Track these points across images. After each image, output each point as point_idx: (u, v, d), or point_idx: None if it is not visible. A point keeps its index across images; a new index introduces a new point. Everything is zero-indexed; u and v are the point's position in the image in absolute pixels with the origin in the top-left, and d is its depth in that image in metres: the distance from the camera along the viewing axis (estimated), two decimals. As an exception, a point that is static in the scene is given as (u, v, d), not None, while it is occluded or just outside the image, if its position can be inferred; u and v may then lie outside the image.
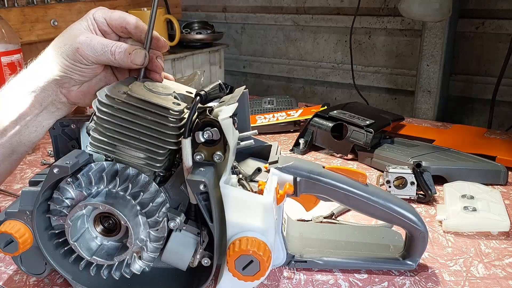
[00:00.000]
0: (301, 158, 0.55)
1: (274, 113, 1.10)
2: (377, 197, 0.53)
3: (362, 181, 0.53)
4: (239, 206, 0.47)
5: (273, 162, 0.53)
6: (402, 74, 1.29)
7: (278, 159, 0.53)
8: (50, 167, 0.47)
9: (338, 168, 0.53)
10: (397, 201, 0.54)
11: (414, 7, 0.98)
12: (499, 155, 0.85)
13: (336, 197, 0.53)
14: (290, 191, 0.51)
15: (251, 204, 0.47)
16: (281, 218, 0.55)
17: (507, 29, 1.10)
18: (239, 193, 0.48)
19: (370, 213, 0.54)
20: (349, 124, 0.90)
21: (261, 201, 0.47)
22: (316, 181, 0.52)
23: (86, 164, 0.50)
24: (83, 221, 0.50)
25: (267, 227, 0.48)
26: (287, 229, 0.60)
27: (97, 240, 0.50)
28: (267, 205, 0.47)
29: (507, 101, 1.15)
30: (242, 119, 0.56)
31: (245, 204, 0.47)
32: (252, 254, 0.46)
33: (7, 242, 0.49)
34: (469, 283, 0.54)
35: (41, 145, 1.02)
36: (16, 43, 0.92)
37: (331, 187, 0.52)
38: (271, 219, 0.48)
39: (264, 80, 1.55)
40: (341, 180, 0.52)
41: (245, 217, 0.48)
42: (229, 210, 0.47)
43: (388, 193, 0.55)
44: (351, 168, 0.53)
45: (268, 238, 0.48)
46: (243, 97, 0.56)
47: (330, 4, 1.36)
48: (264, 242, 0.46)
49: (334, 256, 0.57)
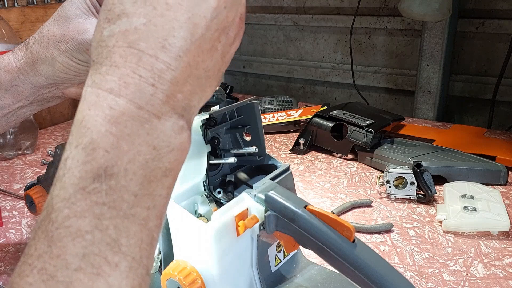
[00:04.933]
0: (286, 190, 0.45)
1: (274, 113, 1.10)
2: (364, 263, 0.40)
3: (348, 236, 0.40)
4: (180, 227, 0.44)
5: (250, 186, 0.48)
6: (402, 74, 1.29)
7: (262, 185, 0.46)
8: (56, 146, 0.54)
9: (322, 213, 0.42)
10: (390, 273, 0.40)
11: (414, 7, 0.98)
12: (499, 155, 0.85)
13: (312, 247, 0.42)
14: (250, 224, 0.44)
15: (192, 228, 0.43)
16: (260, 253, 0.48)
17: (507, 29, 1.10)
18: (181, 213, 0.43)
19: (351, 278, 0.41)
20: (349, 124, 0.90)
21: (200, 228, 0.42)
22: (289, 221, 0.43)
23: None
24: None
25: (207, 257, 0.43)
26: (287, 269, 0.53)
27: None
28: (209, 233, 0.42)
29: (507, 101, 1.15)
30: (254, 133, 0.53)
31: (186, 226, 0.44)
32: (178, 281, 0.42)
33: (31, 202, 0.60)
34: (469, 283, 0.54)
35: (41, 145, 1.02)
36: (16, 43, 0.92)
37: (306, 233, 0.42)
38: (214, 249, 0.42)
39: (264, 80, 1.55)
40: (320, 230, 0.41)
41: (184, 240, 0.44)
42: (172, 228, 0.45)
43: (381, 258, 0.41)
44: (336, 217, 0.41)
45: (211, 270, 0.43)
46: (253, 109, 0.53)
47: (330, 4, 1.36)
48: (198, 272, 0.42)
49: None
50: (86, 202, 0.25)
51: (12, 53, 0.49)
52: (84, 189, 0.25)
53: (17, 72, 0.48)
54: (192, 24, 0.28)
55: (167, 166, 0.28)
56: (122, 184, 0.26)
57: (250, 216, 0.44)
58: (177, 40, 0.27)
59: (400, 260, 0.59)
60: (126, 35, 0.27)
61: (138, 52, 0.27)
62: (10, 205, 0.76)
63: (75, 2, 0.46)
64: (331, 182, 0.82)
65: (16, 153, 0.96)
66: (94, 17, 0.46)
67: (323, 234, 0.41)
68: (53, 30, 0.46)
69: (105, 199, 0.25)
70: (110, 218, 0.25)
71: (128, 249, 0.26)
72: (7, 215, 0.73)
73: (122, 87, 0.26)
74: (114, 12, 0.27)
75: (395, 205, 0.74)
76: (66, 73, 0.47)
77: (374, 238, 0.65)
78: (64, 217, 0.25)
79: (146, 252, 0.27)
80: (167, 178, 0.28)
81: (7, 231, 0.68)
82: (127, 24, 0.27)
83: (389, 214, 0.71)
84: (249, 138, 0.53)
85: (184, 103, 0.29)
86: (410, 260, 0.59)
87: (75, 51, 0.45)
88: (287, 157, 0.93)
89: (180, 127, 0.28)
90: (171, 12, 0.27)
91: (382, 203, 0.74)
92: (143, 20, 0.27)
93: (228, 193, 0.53)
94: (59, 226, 0.25)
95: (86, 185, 0.25)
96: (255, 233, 0.46)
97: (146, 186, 0.27)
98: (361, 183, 0.81)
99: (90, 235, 0.25)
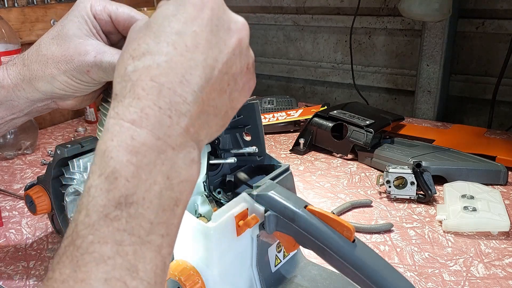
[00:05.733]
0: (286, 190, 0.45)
1: (274, 113, 1.10)
2: (364, 263, 0.40)
3: (348, 236, 0.41)
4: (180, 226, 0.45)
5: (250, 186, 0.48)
6: (402, 74, 1.29)
7: (262, 185, 0.46)
8: (56, 147, 0.55)
9: (322, 213, 0.42)
10: (390, 273, 0.40)
11: (414, 7, 0.98)
12: (499, 155, 0.85)
13: (312, 247, 0.43)
14: (250, 224, 0.44)
15: (192, 228, 0.43)
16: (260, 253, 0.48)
17: (507, 29, 1.10)
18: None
19: (351, 278, 0.41)
20: (349, 124, 0.90)
21: (201, 228, 0.42)
22: (289, 221, 0.43)
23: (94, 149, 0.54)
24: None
25: (207, 257, 0.43)
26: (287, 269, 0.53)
27: None
28: (209, 232, 0.42)
29: (507, 101, 1.15)
30: (254, 133, 0.53)
31: (186, 226, 0.43)
32: (178, 281, 0.42)
33: (31, 202, 0.59)
34: (469, 283, 0.54)
35: (41, 145, 1.02)
36: (16, 43, 0.92)
37: (306, 233, 0.42)
38: (214, 249, 0.42)
39: (264, 80, 1.55)
40: (320, 230, 0.41)
41: (184, 240, 0.43)
42: None
43: (381, 258, 0.41)
44: (336, 217, 0.41)
45: (211, 270, 0.43)
46: (253, 109, 0.53)
47: (330, 4, 1.36)
48: (198, 272, 0.42)
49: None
50: (108, 229, 0.27)
51: (6, 68, 0.48)
52: (107, 216, 0.27)
53: (13, 88, 0.47)
54: (207, 65, 0.31)
55: (178, 196, 0.30)
56: (140, 212, 0.28)
57: (250, 216, 0.44)
58: (193, 77, 0.30)
59: (400, 260, 0.59)
60: (149, 70, 0.30)
61: (159, 85, 0.29)
62: (10, 205, 0.76)
63: (75, 22, 0.45)
64: (331, 182, 0.82)
65: (16, 153, 0.96)
66: (95, 38, 0.46)
67: (323, 234, 0.41)
68: (53, 50, 0.45)
69: (125, 226, 0.27)
70: (129, 244, 0.27)
71: (145, 274, 0.27)
72: (7, 215, 0.73)
73: (144, 118, 0.29)
74: (139, 50, 0.30)
75: (395, 205, 0.74)
76: (65, 91, 0.46)
77: (374, 238, 0.65)
78: (89, 243, 0.26)
79: (159, 278, 0.28)
80: (178, 208, 0.30)
81: (7, 231, 0.68)
82: (151, 61, 0.30)
83: (389, 214, 0.71)
84: (249, 138, 0.53)
85: (195, 137, 0.31)
86: (410, 260, 0.59)
87: (75, 71, 0.44)
88: (287, 157, 0.93)
89: (191, 160, 0.31)
90: (189, 53, 0.30)
91: (382, 203, 0.74)
92: (165, 58, 0.30)
93: (228, 193, 0.53)
94: (84, 252, 0.26)
95: (109, 212, 0.27)
96: (255, 233, 0.46)
97: (160, 215, 0.29)
98: (361, 183, 0.81)
99: (112, 260, 0.26)
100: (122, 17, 0.46)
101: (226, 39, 0.32)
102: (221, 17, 0.32)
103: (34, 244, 0.65)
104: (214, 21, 0.32)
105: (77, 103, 0.50)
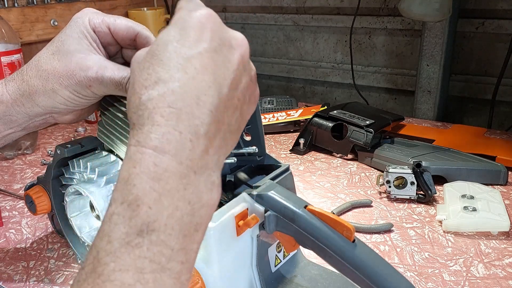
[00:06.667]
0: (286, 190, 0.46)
1: (274, 113, 1.10)
2: (364, 263, 0.40)
3: (348, 236, 0.41)
4: None
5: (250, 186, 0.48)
6: (402, 74, 1.29)
7: (262, 185, 0.46)
8: (56, 147, 0.55)
9: (322, 213, 0.42)
10: (390, 273, 0.40)
11: (414, 7, 0.98)
12: (499, 155, 0.85)
13: (312, 247, 0.43)
14: (250, 224, 0.44)
15: None
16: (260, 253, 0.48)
17: (507, 29, 1.10)
18: None
19: (351, 278, 0.41)
20: (349, 124, 0.90)
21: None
22: (289, 221, 0.43)
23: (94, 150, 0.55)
24: (85, 202, 0.55)
25: (207, 257, 0.43)
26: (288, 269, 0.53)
27: (92, 222, 0.55)
28: (209, 233, 0.41)
29: (507, 101, 1.15)
30: (254, 133, 0.53)
31: None
32: None
33: (31, 202, 0.59)
34: (469, 283, 0.54)
35: (41, 145, 1.02)
36: (16, 43, 0.92)
37: (306, 233, 0.42)
38: (214, 249, 0.42)
39: (264, 80, 1.55)
40: (320, 230, 0.41)
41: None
42: None
43: (381, 258, 0.41)
44: (336, 217, 0.41)
45: (211, 270, 0.43)
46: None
47: (330, 4, 1.36)
48: (198, 272, 0.42)
49: None
50: (130, 256, 0.27)
51: (5, 83, 0.48)
52: (129, 244, 0.27)
53: (12, 104, 0.47)
54: (217, 84, 0.32)
55: (198, 221, 0.30)
56: (162, 238, 0.28)
57: (250, 216, 0.44)
58: (208, 97, 0.31)
59: (400, 260, 0.59)
60: (165, 97, 0.30)
61: (177, 110, 0.30)
62: (10, 205, 0.76)
63: (75, 38, 0.45)
64: (331, 182, 0.82)
65: (16, 153, 0.96)
66: (95, 52, 0.46)
67: (323, 234, 0.41)
68: (54, 65, 0.45)
69: (147, 253, 0.27)
70: (150, 272, 0.27)
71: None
72: (7, 215, 0.73)
73: (165, 144, 0.29)
74: (151, 80, 0.31)
75: (395, 205, 0.74)
76: (66, 105, 0.47)
77: (374, 238, 0.65)
78: (111, 270, 0.27)
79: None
80: (197, 233, 0.30)
81: (7, 231, 0.68)
82: (165, 88, 0.30)
83: (389, 214, 0.71)
84: (249, 138, 0.53)
85: (215, 158, 0.32)
86: (410, 260, 0.59)
87: (77, 86, 0.45)
88: (287, 157, 0.93)
89: (212, 183, 0.31)
90: (200, 74, 0.31)
91: (382, 203, 0.74)
92: (178, 83, 0.30)
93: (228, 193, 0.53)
94: (105, 279, 0.27)
95: (131, 239, 0.27)
96: (255, 233, 0.46)
97: (181, 241, 0.29)
98: (361, 183, 0.81)
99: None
100: (120, 28, 0.47)
101: (230, 56, 0.33)
102: (222, 35, 0.33)
103: (34, 244, 0.65)
104: (216, 40, 0.32)
105: (75, 117, 0.50)
